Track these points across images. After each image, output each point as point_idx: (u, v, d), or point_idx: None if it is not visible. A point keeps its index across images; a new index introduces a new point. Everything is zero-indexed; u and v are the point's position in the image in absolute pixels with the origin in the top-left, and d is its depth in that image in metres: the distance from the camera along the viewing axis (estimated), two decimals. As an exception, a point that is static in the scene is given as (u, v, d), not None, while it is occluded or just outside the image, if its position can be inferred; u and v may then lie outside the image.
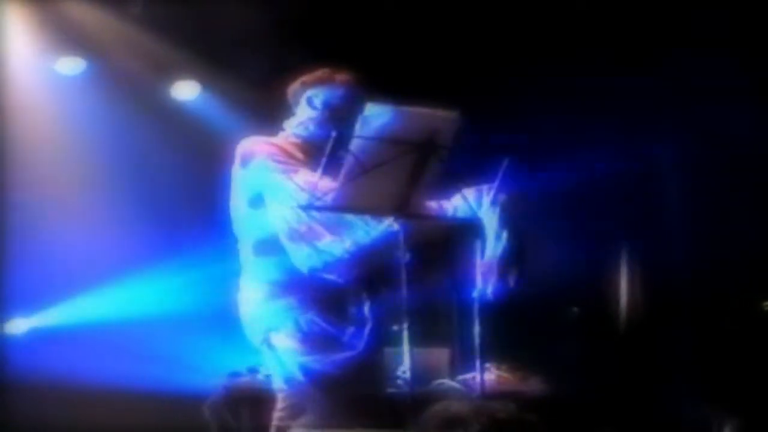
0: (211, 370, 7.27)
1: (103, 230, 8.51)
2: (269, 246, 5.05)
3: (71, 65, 8.67)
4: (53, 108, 8.53)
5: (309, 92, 5.27)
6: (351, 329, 5.00)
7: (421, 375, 5.75)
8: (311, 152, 5.14)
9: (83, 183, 8.57)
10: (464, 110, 4.73)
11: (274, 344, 5.04)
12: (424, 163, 4.67)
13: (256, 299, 5.11)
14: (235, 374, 6.95)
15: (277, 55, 7.75)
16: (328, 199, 4.66)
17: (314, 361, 4.92)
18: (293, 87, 5.35)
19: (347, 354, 4.94)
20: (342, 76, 5.26)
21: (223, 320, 5.80)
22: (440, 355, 7.00)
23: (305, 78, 5.32)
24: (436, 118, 4.66)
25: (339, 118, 5.09)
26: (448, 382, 6.78)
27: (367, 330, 5.02)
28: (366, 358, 4.99)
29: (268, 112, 5.63)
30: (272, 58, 7.86)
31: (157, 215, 8.59)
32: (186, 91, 8.94)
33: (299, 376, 4.94)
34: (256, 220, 5.10)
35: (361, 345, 4.98)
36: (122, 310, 8.28)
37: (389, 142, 4.55)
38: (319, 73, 5.30)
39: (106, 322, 8.21)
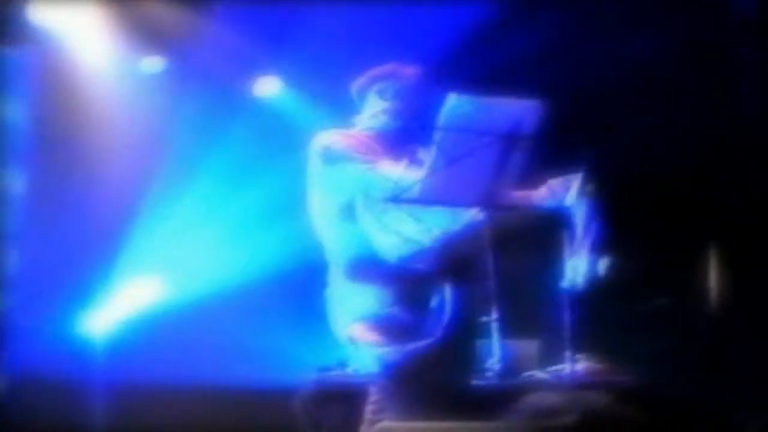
0: (300, 365, 7.27)
1: (184, 231, 8.57)
2: (353, 238, 5.06)
3: (154, 64, 8.74)
4: (136, 107, 8.60)
5: (378, 85, 5.28)
6: (430, 319, 4.99)
7: (511, 367, 5.69)
8: (385, 145, 5.15)
9: (165, 182, 8.63)
10: (547, 99, 4.69)
11: (355, 337, 5.05)
12: (508, 153, 4.65)
13: (339, 292, 5.12)
14: (325, 369, 6.93)
15: (354, 49, 7.74)
16: (414, 190, 4.65)
17: (392, 352, 4.92)
18: (361, 82, 5.36)
19: (424, 343, 4.92)
20: (410, 69, 5.26)
21: (311, 315, 5.79)
22: (530, 346, 6.91)
23: (373, 72, 5.32)
24: (519, 107, 4.64)
25: (410, 110, 5.09)
26: (538, 373, 6.70)
27: (446, 319, 4.99)
28: (445, 348, 4.96)
29: (347, 108, 5.62)
30: (350, 52, 7.84)
31: (240, 213, 8.63)
32: (268, 87, 8.96)
33: (379, 367, 4.94)
34: (339, 212, 5.11)
35: (439, 334, 4.96)
36: (209, 307, 8.31)
37: (473, 132, 4.53)
38: (388, 66, 5.30)
39: (193, 320, 8.24)
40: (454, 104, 4.52)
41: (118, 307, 8.37)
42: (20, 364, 7.73)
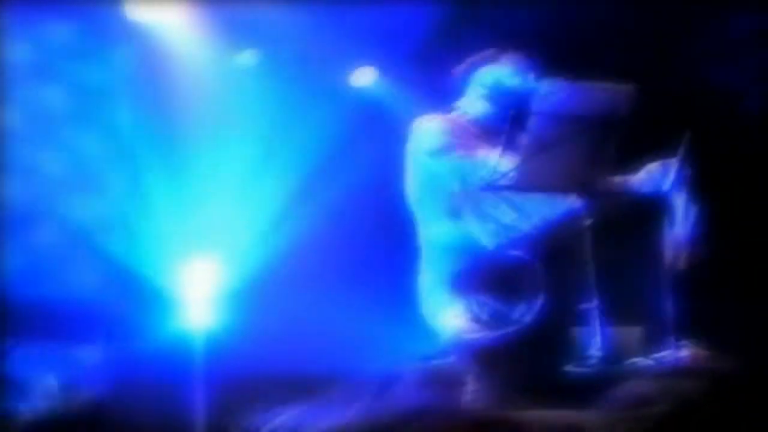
0: (401, 355, 7.26)
1: (281, 223, 8.61)
2: (450, 226, 5.05)
3: (249, 57, 8.81)
4: (232, 101, 8.67)
5: (478, 72, 5.25)
6: (522, 305, 4.96)
7: (614, 354, 5.63)
8: (484, 131, 5.13)
9: (262, 176, 8.69)
10: (645, 82, 4.64)
11: (447, 324, 5.04)
12: (603, 138, 4.61)
13: (433, 279, 5.13)
14: (426, 358, 6.92)
15: (449, 38, 7.72)
16: (510, 177, 4.63)
17: (486, 339, 4.90)
18: (462, 68, 5.34)
19: (514, 329, 4.90)
20: (510, 55, 5.23)
21: (410, 303, 5.79)
22: (632, 333, 6.84)
23: (474, 58, 5.30)
24: (613, 91, 4.60)
25: (510, 97, 5.06)
26: (641, 360, 6.63)
27: (538, 306, 4.96)
28: (536, 334, 4.93)
29: (442, 94, 5.61)
30: (445, 41, 7.83)
31: (337, 203, 8.66)
32: (364, 78, 8.98)
33: (471, 354, 4.92)
34: (436, 200, 5.11)
35: (529, 320, 4.93)
36: (305, 297, 8.34)
37: (567, 118, 4.50)
38: (487, 53, 5.28)
39: (290, 311, 8.28)
40: (549, 90, 4.50)
41: (213, 302, 8.44)
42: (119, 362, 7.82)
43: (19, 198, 8.19)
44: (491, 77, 5.22)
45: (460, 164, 4.99)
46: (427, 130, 5.19)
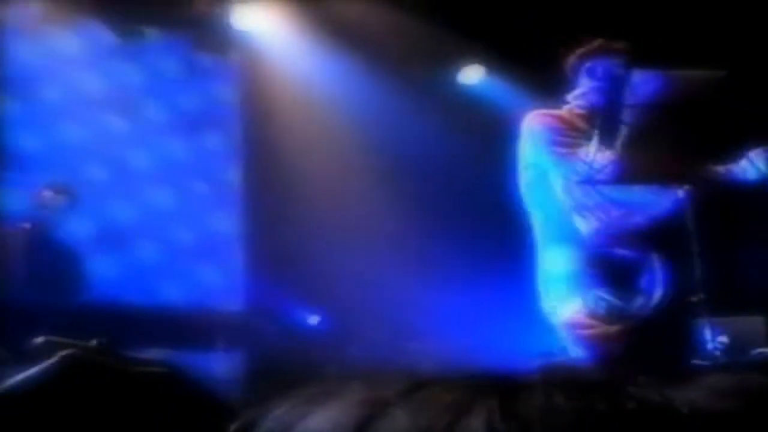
0: (522, 351, 7.23)
1: (387, 221, 8.63)
2: (559, 222, 5.00)
3: (354, 62, 8.85)
4: (338, 104, 8.72)
5: (588, 63, 5.17)
6: (639, 300, 4.88)
7: (737, 344, 5.52)
8: (594, 123, 5.06)
9: (367, 177, 8.72)
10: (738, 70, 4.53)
11: (564, 319, 4.99)
12: (701, 127, 4.51)
13: (549, 275, 5.07)
14: (547, 354, 6.87)
15: (552, 29, 7.65)
16: (608, 171, 4.56)
17: (600, 333, 4.83)
18: (571, 60, 5.26)
19: (632, 324, 4.82)
20: (618, 45, 5.14)
21: (528, 299, 5.75)
22: (755, 323, 6.71)
23: (582, 50, 5.22)
24: (707, 79, 4.50)
25: (619, 87, 4.97)
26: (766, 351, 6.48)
27: (655, 300, 4.87)
28: (654, 328, 4.84)
29: (553, 88, 5.55)
30: (548, 33, 7.76)
31: (449, 201, 8.66)
32: (472, 75, 8.95)
33: (587, 349, 4.86)
34: (544, 195, 5.06)
35: (647, 314, 4.84)
36: (421, 295, 8.33)
37: (663, 107, 4.41)
38: (596, 43, 5.19)
39: (407, 306, 8.27)
40: (639, 79, 4.43)
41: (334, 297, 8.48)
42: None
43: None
44: (598, 68, 5.15)
45: (567, 160, 4.93)
46: (535, 127, 5.14)
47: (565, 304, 4.96)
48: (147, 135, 8.68)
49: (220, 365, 7.54)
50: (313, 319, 7.95)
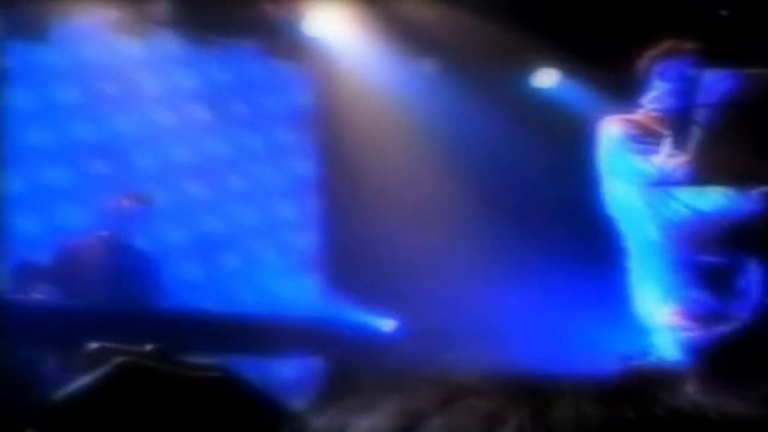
0: (603, 355, 7.16)
1: (464, 225, 8.61)
2: (647, 223, 4.97)
3: (426, 65, 8.86)
4: (415, 110, 8.72)
5: (660, 65, 5.13)
6: (736, 302, 4.82)
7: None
8: (672, 125, 5.01)
9: (442, 180, 8.71)
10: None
11: (660, 322, 4.94)
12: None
13: (642, 277, 5.03)
14: (629, 357, 6.79)
15: (625, 31, 7.58)
16: (682, 173, 4.52)
17: (697, 337, 4.78)
18: (643, 62, 5.21)
19: (730, 326, 4.75)
20: (689, 45, 5.09)
21: (613, 301, 5.71)
22: None
23: (654, 51, 5.18)
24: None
25: (692, 88, 4.92)
26: None
27: (754, 302, 4.81)
28: (754, 331, 4.77)
29: (627, 91, 5.51)
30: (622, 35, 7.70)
31: (527, 204, 8.62)
32: (545, 78, 8.91)
33: (684, 352, 4.81)
34: (626, 201, 5.03)
35: (746, 317, 4.78)
36: (504, 298, 8.29)
37: (736, 106, 4.35)
38: (667, 44, 5.14)
39: (482, 313, 8.24)
40: (711, 79, 4.38)
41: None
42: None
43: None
44: (670, 70, 5.10)
45: (644, 164, 4.90)
46: (611, 132, 5.11)
47: (660, 306, 4.92)
48: (226, 142, 8.76)
49: (297, 372, 7.56)
50: (387, 324, 7.94)
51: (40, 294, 6.49)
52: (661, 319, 4.93)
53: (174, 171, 8.53)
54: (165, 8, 8.09)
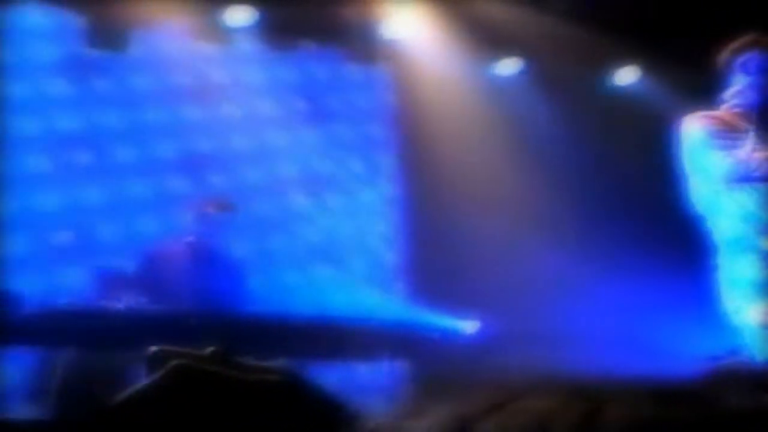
0: (688, 354, 7.08)
1: (548, 225, 8.57)
2: (731, 225, 4.90)
3: (508, 66, 8.84)
4: (494, 110, 8.71)
5: (741, 59, 5.03)
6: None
7: None
8: (755, 119, 4.93)
9: (523, 182, 8.68)
10: None
11: (748, 321, 4.86)
12: None
13: (728, 276, 4.96)
14: (716, 357, 6.71)
15: (704, 26, 7.49)
16: (765, 169, 4.44)
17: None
18: (723, 56, 5.13)
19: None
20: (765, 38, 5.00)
21: (699, 303, 5.64)
22: None
23: (734, 45, 5.09)
24: None
25: (768, 82, 4.84)
26: None
27: None
28: None
29: (708, 87, 5.43)
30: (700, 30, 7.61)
31: (601, 205, 8.56)
32: (625, 76, 8.85)
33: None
34: (712, 199, 4.96)
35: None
36: (590, 299, 8.24)
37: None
38: (748, 38, 5.05)
39: (569, 317, 8.19)
40: None
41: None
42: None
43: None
44: (751, 63, 5.01)
45: (722, 163, 4.83)
46: (694, 130, 5.04)
47: (749, 304, 4.85)
48: (303, 149, 8.82)
49: (385, 376, 7.57)
50: (471, 326, 7.92)
51: (125, 301, 6.56)
52: (749, 317, 4.85)
53: (258, 175, 8.63)
54: (246, 13, 8.18)
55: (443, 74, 8.61)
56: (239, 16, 8.23)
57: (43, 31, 7.98)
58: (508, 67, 8.87)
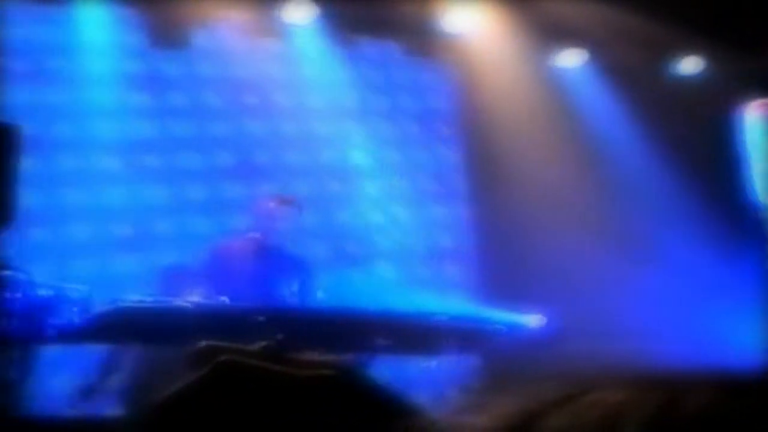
0: (750, 346, 7.01)
1: (609, 216, 8.52)
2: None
3: (571, 58, 8.79)
4: (558, 102, 8.67)
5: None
6: None
7: None
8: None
9: (585, 174, 8.63)
10: None
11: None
12: None
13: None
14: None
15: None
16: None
17: None
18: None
19: None
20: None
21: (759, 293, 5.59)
22: None
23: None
24: None
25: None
26: None
27: None
28: None
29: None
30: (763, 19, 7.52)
31: (664, 196, 8.49)
32: (689, 66, 8.76)
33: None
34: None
35: None
36: (649, 291, 8.17)
37: None
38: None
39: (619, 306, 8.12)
40: None
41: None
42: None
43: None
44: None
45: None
46: (755, 117, 5.01)
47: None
48: (368, 141, 8.84)
49: (453, 370, 7.56)
50: (536, 321, 7.88)
51: (191, 297, 6.60)
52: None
53: (321, 172, 8.67)
54: (306, 9, 8.21)
55: (505, 67, 8.58)
56: (299, 13, 8.26)
57: (108, 32, 8.11)
58: (571, 58, 8.81)
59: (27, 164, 6.85)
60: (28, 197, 6.43)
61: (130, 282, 7.47)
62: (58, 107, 8.01)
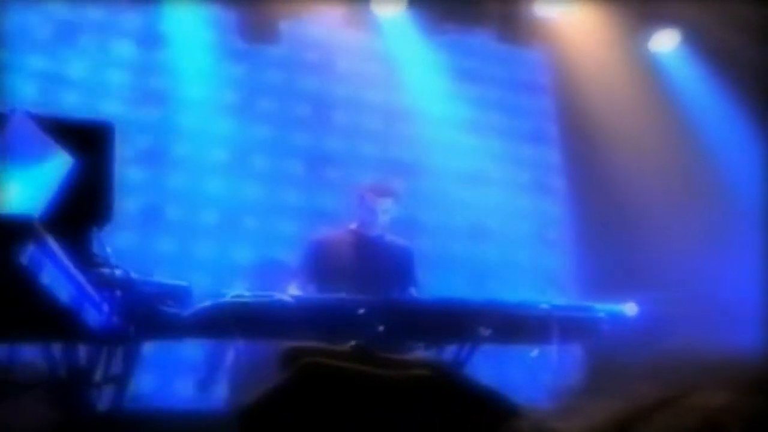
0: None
1: (704, 206, 8.39)
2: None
3: (667, 40, 8.67)
4: (647, 85, 8.57)
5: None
6: None
7: None
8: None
9: (679, 160, 8.51)
10: None
11: None
12: None
13: None
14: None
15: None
16: None
17: None
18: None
19: None
20: None
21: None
22: None
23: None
24: None
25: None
26: None
27: None
28: None
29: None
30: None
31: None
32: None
33: None
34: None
35: None
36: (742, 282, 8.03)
37: None
38: None
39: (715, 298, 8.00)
40: None
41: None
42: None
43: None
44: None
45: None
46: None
47: None
48: (466, 136, 8.82)
49: (557, 359, 7.51)
50: (633, 309, 7.80)
51: (290, 291, 6.62)
52: None
53: (419, 164, 8.66)
54: (397, 1, 8.21)
55: (598, 50, 8.50)
56: (389, 5, 8.26)
57: (199, 30, 8.19)
58: (666, 40, 8.70)
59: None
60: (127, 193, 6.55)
61: (227, 275, 7.55)
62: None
